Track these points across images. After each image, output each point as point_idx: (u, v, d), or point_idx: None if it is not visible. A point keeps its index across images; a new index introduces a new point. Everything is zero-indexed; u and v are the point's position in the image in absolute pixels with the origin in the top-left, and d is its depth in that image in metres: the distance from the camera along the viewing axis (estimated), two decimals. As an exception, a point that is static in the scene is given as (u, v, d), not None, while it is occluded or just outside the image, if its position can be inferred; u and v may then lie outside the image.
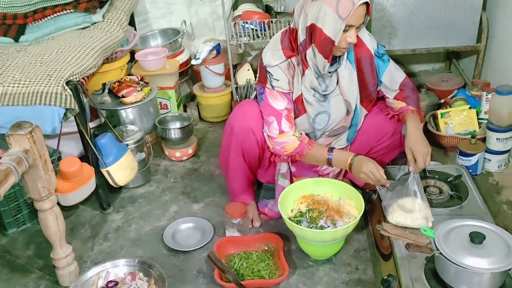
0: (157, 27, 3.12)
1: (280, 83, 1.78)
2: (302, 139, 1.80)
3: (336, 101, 1.85)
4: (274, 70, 1.76)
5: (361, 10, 1.60)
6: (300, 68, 1.77)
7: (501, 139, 2.16)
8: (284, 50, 1.76)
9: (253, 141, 1.86)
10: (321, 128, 1.88)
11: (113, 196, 2.25)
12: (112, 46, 2.28)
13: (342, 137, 1.96)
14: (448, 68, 3.11)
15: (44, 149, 1.54)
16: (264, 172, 2.05)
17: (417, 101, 1.90)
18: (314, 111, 1.83)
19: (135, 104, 2.36)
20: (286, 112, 1.79)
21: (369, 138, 1.97)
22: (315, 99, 1.81)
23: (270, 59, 1.77)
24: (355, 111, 1.89)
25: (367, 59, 1.83)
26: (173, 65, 2.72)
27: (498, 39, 2.44)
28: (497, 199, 2.07)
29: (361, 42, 1.82)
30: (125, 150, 2.06)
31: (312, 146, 1.81)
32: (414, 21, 2.49)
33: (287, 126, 1.78)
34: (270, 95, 1.79)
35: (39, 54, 2.05)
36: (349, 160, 1.77)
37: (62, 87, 1.79)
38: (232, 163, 1.94)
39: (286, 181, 1.99)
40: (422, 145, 1.76)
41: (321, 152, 1.81)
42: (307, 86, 1.79)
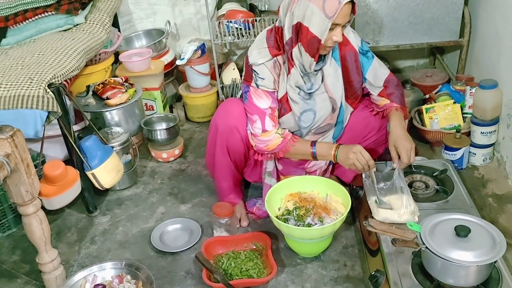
0: (141, 28, 3.10)
1: (265, 82, 1.78)
2: (285, 136, 1.81)
3: (322, 98, 1.85)
4: (260, 68, 1.76)
5: (346, 8, 1.61)
6: (285, 67, 1.77)
7: (486, 133, 2.18)
8: (270, 49, 1.76)
9: (237, 138, 1.85)
10: (307, 126, 1.88)
11: (99, 199, 2.23)
12: (95, 48, 2.26)
13: (328, 135, 1.97)
14: (433, 64, 3.13)
15: (26, 153, 1.52)
16: (251, 171, 2.05)
17: (401, 97, 1.91)
18: (299, 109, 1.83)
19: (120, 106, 2.34)
20: (270, 111, 1.79)
21: (355, 134, 1.98)
22: (300, 97, 1.82)
23: (256, 58, 1.76)
24: (340, 108, 1.89)
25: (352, 56, 1.84)
26: (158, 66, 2.70)
27: (481, 34, 2.46)
28: (483, 192, 2.08)
29: (346, 39, 1.82)
30: (110, 153, 2.05)
31: (295, 141, 1.82)
32: (397, 17, 2.50)
33: (271, 125, 1.79)
34: (255, 94, 1.79)
35: (20, 57, 2.03)
36: (333, 151, 1.78)
37: (44, 90, 1.77)
38: (218, 162, 1.93)
39: (273, 179, 1.99)
40: (405, 141, 1.77)
41: (304, 147, 1.81)
42: (292, 84, 1.79)
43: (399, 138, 1.78)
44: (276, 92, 1.81)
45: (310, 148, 1.81)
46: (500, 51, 2.21)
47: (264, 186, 2.01)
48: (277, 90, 1.81)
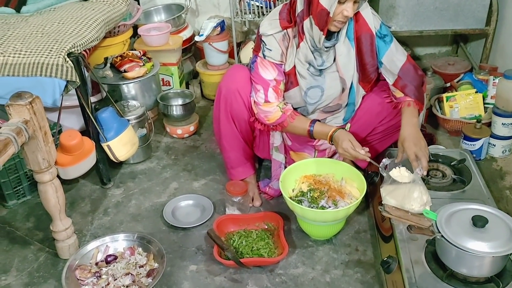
0: (161, 2, 3.07)
1: (272, 53, 1.77)
2: (285, 111, 1.80)
3: (332, 77, 1.82)
4: (268, 39, 1.76)
5: None
6: (295, 40, 1.76)
7: (507, 124, 2.14)
8: (281, 21, 1.75)
9: (240, 102, 1.85)
10: (314, 102, 1.86)
11: (113, 171, 2.24)
12: (114, 19, 2.24)
13: (338, 115, 1.94)
14: (455, 52, 3.06)
15: (45, 120, 1.52)
16: (259, 145, 2.03)
17: (416, 90, 1.82)
18: (306, 85, 1.82)
19: (137, 79, 2.33)
20: (274, 83, 1.79)
21: (371, 117, 1.94)
22: (309, 73, 1.80)
23: (266, 28, 1.76)
24: (351, 89, 1.85)
25: (368, 38, 1.78)
26: (176, 41, 2.68)
27: (508, 22, 2.39)
28: (500, 185, 2.05)
29: (363, 20, 1.77)
30: (126, 125, 2.04)
31: (294, 118, 1.81)
32: (423, 2, 2.44)
33: (273, 97, 1.79)
34: (261, 64, 1.79)
35: (40, 25, 2.02)
36: (330, 132, 1.76)
37: (63, 59, 1.76)
38: (224, 129, 1.93)
39: (280, 155, 1.98)
40: (414, 144, 1.72)
41: (303, 124, 1.81)
42: (301, 59, 1.77)
43: (407, 138, 1.74)
44: (283, 65, 1.80)
45: (309, 126, 1.79)
46: (527, 41, 2.15)
47: (273, 162, 2.01)
48: (284, 63, 1.80)
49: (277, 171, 2.01)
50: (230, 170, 2.05)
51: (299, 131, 1.83)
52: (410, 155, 1.72)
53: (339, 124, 1.95)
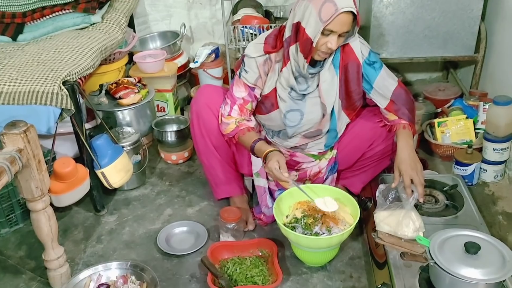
0: (156, 30, 3.12)
1: (247, 75, 1.83)
2: (239, 125, 1.86)
3: (313, 102, 1.85)
4: (249, 61, 1.82)
5: (345, 17, 1.60)
6: (279, 65, 1.81)
7: (498, 150, 2.16)
8: (265, 45, 1.80)
9: (211, 116, 1.91)
10: (293, 125, 1.88)
11: (107, 198, 2.23)
12: (110, 47, 2.27)
13: (320, 141, 1.96)
14: (446, 78, 3.11)
15: (39, 148, 1.53)
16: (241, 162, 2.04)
17: (409, 113, 1.85)
18: (286, 107, 1.85)
19: (132, 106, 2.35)
20: (241, 101, 1.86)
21: (361, 142, 1.96)
22: (290, 97, 1.83)
23: (250, 51, 1.83)
24: (332, 116, 1.87)
25: (354, 66, 1.81)
26: (171, 68, 2.71)
27: (496, 49, 2.44)
28: (493, 210, 2.06)
29: (350, 49, 1.80)
30: (120, 152, 2.05)
31: (244, 134, 1.86)
32: (412, 30, 2.49)
33: (236, 113, 1.87)
34: (236, 82, 1.87)
35: (36, 53, 2.04)
36: (266, 151, 1.77)
37: (58, 87, 1.78)
38: (200, 146, 1.98)
39: (262, 180, 1.99)
40: (411, 168, 1.74)
41: (249, 140, 1.84)
42: (283, 83, 1.81)
43: (404, 162, 1.76)
44: (255, 88, 1.86)
45: (252, 142, 1.82)
46: (515, 68, 2.20)
47: (257, 189, 2.02)
48: (257, 86, 1.86)
49: (263, 197, 2.01)
50: (214, 189, 2.09)
51: (246, 146, 1.87)
52: (406, 180, 1.74)
53: (321, 150, 1.98)
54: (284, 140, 1.96)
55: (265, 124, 1.97)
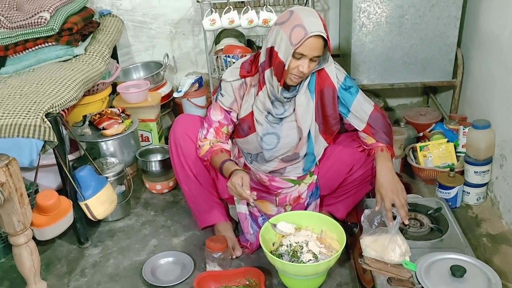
0: (140, 60, 3.14)
1: (223, 99, 1.89)
2: (213, 146, 1.89)
3: (289, 126, 1.88)
4: (225, 85, 1.88)
5: (314, 42, 1.65)
6: (255, 89, 1.85)
7: (479, 172, 2.20)
8: (241, 70, 1.86)
9: (189, 143, 1.94)
10: (270, 148, 1.90)
11: (91, 230, 2.20)
12: (93, 79, 2.28)
13: (298, 165, 1.97)
14: (426, 102, 3.18)
15: (21, 182, 1.51)
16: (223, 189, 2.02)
17: (387, 136, 1.87)
18: (262, 131, 1.88)
19: (116, 137, 2.34)
20: (217, 124, 1.90)
21: (341, 168, 1.97)
22: (266, 121, 1.87)
23: (226, 75, 1.89)
24: (309, 140, 1.90)
25: (330, 91, 1.85)
26: (155, 98, 2.72)
27: (473, 75, 2.51)
28: (477, 232, 2.08)
29: (326, 74, 1.84)
30: (104, 183, 2.04)
31: (217, 154, 1.87)
32: (392, 57, 2.55)
33: (211, 136, 1.91)
34: (214, 105, 1.92)
35: (18, 86, 2.04)
36: (231, 170, 1.78)
37: (41, 119, 1.77)
38: (180, 174, 1.99)
39: (243, 206, 1.98)
40: (391, 191, 1.75)
41: (218, 160, 1.85)
42: (259, 107, 1.85)
43: (384, 185, 1.77)
44: (231, 112, 1.90)
45: (221, 163, 1.84)
46: (492, 92, 2.25)
47: (239, 216, 2.01)
48: (233, 110, 1.90)
49: (245, 224, 2.00)
50: (198, 217, 2.08)
51: (216, 166, 1.88)
52: (387, 204, 1.75)
53: (299, 175, 2.00)
54: (262, 165, 1.98)
55: (243, 147, 2.00)
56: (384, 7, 2.44)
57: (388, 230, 1.72)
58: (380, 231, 1.76)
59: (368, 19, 2.47)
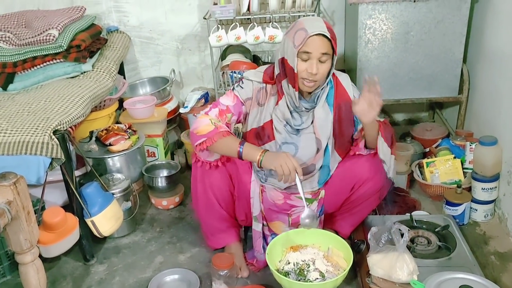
0: (146, 76, 3.16)
1: (241, 91, 1.88)
2: (218, 126, 1.77)
3: (308, 137, 1.89)
4: (247, 82, 1.89)
5: (317, 40, 1.68)
6: (275, 98, 1.87)
7: (486, 189, 2.18)
8: (265, 75, 1.88)
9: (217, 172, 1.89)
10: None
11: (97, 247, 2.20)
12: (101, 95, 2.29)
13: (313, 179, 1.96)
14: (432, 117, 3.17)
15: (28, 200, 1.51)
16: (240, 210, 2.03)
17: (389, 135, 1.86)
18: (281, 139, 1.88)
19: (123, 152, 2.35)
20: (224, 107, 1.85)
21: (344, 186, 1.94)
22: (285, 130, 1.87)
23: (249, 74, 1.91)
24: (326, 151, 1.90)
25: (348, 106, 1.85)
26: (161, 113, 2.73)
27: (479, 90, 2.51)
28: (485, 250, 2.06)
29: (343, 88, 1.88)
30: (110, 200, 2.04)
31: (226, 136, 1.76)
32: (397, 73, 2.56)
33: (214, 115, 1.83)
34: (227, 93, 1.90)
35: (27, 103, 2.05)
36: (258, 155, 1.74)
37: (49, 137, 1.78)
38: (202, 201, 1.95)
39: (259, 224, 1.99)
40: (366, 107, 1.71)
41: (233, 143, 1.76)
42: (279, 116, 1.86)
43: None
44: (243, 105, 1.88)
45: (238, 146, 1.75)
46: (499, 108, 2.25)
47: (253, 232, 2.01)
48: (246, 106, 1.88)
49: (257, 242, 2.00)
50: (210, 238, 2.05)
51: (228, 149, 1.77)
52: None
53: (315, 188, 1.98)
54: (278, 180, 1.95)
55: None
56: (389, 23, 2.45)
57: (396, 248, 1.71)
58: (387, 249, 1.74)
59: (373, 36, 2.48)
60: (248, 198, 1.99)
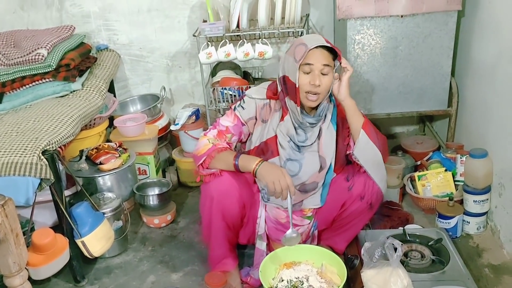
0: (137, 93, 3.15)
1: (243, 112, 1.88)
2: (215, 144, 1.81)
3: (311, 155, 1.89)
4: (249, 101, 1.89)
5: (318, 52, 1.71)
6: (279, 114, 1.87)
7: (478, 201, 2.18)
8: (268, 91, 1.89)
9: (232, 201, 1.83)
10: (293, 175, 1.87)
11: (87, 267, 2.16)
12: (91, 114, 2.28)
13: (315, 196, 1.95)
14: (423, 130, 3.19)
15: (16, 222, 1.49)
16: (245, 231, 2.00)
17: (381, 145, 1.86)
18: (286, 155, 1.88)
19: (113, 171, 2.33)
20: (223, 128, 1.87)
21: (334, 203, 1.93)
22: (289, 146, 1.87)
23: (252, 92, 1.91)
24: (329, 169, 1.90)
25: (344, 122, 1.88)
26: (152, 131, 2.72)
27: (469, 103, 2.53)
28: (479, 262, 2.06)
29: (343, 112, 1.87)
30: (101, 219, 2.01)
31: (222, 151, 1.80)
32: (387, 87, 2.57)
33: (212, 135, 1.86)
34: (228, 114, 1.90)
35: (15, 123, 2.03)
36: (255, 164, 1.74)
37: (38, 157, 1.76)
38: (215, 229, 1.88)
39: (263, 243, 1.97)
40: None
41: (229, 156, 1.79)
42: (283, 131, 1.86)
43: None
44: (245, 126, 1.88)
45: (234, 159, 1.77)
46: (488, 120, 2.26)
47: (256, 250, 1.99)
48: (248, 126, 1.89)
49: (259, 260, 1.97)
50: (214, 265, 1.99)
51: (226, 164, 1.79)
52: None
53: (317, 206, 1.97)
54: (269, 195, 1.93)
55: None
56: (378, 38, 2.47)
57: (390, 263, 1.70)
58: (381, 264, 1.73)
59: (362, 51, 2.50)
60: (255, 219, 1.98)
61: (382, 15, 2.41)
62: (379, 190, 1.88)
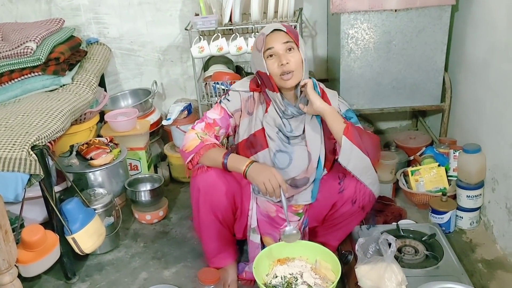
0: (128, 88, 3.11)
1: (228, 104, 1.91)
2: (203, 140, 1.81)
3: (300, 148, 1.89)
4: (233, 94, 1.93)
5: (275, 35, 1.78)
6: (263, 106, 1.90)
7: (471, 197, 2.19)
8: (251, 83, 1.93)
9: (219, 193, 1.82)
10: (283, 168, 1.87)
11: (78, 264, 2.14)
12: (81, 108, 2.24)
13: (306, 192, 1.93)
14: (415, 126, 3.19)
15: (5, 219, 1.46)
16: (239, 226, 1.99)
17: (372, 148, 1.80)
18: (275, 147, 1.88)
19: (104, 167, 2.30)
20: (210, 121, 1.89)
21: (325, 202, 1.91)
22: (278, 137, 1.88)
23: (236, 85, 1.96)
24: (318, 164, 1.89)
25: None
26: (143, 126, 2.69)
27: (461, 98, 2.53)
28: (472, 258, 2.06)
29: (328, 101, 1.86)
30: (92, 215, 1.99)
31: (210, 148, 1.79)
32: (380, 82, 2.56)
33: (200, 128, 1.87)
34: (215, 107, 1.93)
35: (4, 118, 1.99)
36: (244, 166, 1.74)
37: (27, 152, 1.72)
38: (203, 223, 1.87)
39: (257, 236, 1.96)
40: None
41: (218, 155, 1.78)
42: (270, 122, 1.88)
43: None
44: (231, 118, 1.91)
45: (223, 158, 1.77)
46: (481, 115, 2.26)
47: (250, 244, 1.98)
48: (234, 118, 1.91)
49: (255, 253, 1.95)
50: (210, 259, 1.98)
51: (214, 163, 1.79)
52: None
53: (308, 202, 1.95)
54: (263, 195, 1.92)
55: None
56: (371, 33, 2.46)
57: (384, 259, 1.69)
58: (375, 260, 1.73)
59: (356, 45, 2.49)
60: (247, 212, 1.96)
61: (376, 10, 2.40)
62: (371, 193, 1.84)
